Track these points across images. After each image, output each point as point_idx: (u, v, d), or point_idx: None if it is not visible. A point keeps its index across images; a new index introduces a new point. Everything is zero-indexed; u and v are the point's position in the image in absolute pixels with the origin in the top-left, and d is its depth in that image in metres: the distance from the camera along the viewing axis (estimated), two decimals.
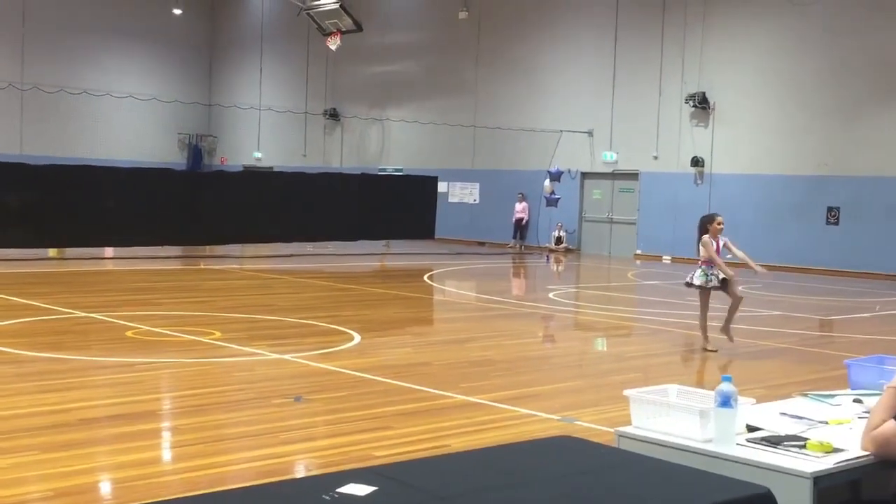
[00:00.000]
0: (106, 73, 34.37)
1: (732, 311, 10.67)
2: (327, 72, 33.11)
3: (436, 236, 25.60)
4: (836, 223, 21.91)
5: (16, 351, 9.06)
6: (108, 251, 20.78)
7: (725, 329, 10.66)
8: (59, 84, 31.51)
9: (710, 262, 10.61)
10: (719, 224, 10.68)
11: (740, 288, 10.87)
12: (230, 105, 33.91)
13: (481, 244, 27.99)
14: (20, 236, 18.69)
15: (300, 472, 5.76)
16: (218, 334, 10.31)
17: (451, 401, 7.62)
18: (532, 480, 2.86)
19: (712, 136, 23.99)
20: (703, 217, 11.08)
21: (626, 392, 3.74)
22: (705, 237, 10.64)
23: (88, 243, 19.82)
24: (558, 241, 26.59)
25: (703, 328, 10.68)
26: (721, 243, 10.65)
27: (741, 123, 23.50)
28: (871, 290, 18.49)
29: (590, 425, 6.85)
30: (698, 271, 10.68)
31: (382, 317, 12.74)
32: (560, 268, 23.23)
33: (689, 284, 10.79)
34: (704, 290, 10.64)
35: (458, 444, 6.24)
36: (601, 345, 11.81)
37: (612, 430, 3.81)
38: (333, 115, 33.08)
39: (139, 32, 35.47)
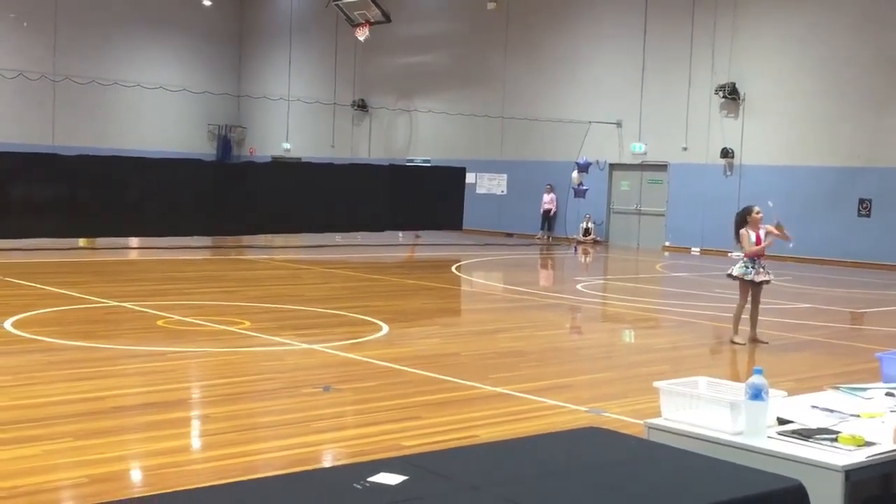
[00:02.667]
0: (136, 64, 34.61)
1: (754, 317, 10.56)
2: (356, 63, 33.15)
3: (463, 227, 25.59)
4: (868, 215, 21.69)
5: (49, 339, 9.17)
6: (139, 241, 20.95)
7: (754, 337, 10.51)
8: (91, 75, 31.75)
9: (752, 256, 10.49)
10: (757, 213, 10.54)
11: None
12: (259, 96, 34.03)
13: (509, 235, 27.96)
14: (52, 226, 18.89)
15: (330, 462, 5.80)
16: (247, 324, 10.38)
17: (480, 391, 7.64)
18: (562, 471, 2.87)
19: (742, 127, 23.80)
20: (739, 211, 10.99)
21: (657, 384, 3.73)
22: (742, 230, 10.52)
23: (119, 233, 20.01)
24: (586, 232, 26.51)
25: (736, 320, 10.60)
26: (762, 233, 10.54)
27: (771, 114, 23.30)
28: None
29: (618, 417, 6.85)
30: (739, 263, 10.64)
31: (411, 307, 12.77)
32: (588, 259, 23.17)
33: (730, 275, 10.75)
34: (743, 283, 10.52)
35: (486, 434, 6.26)
36: (629, 336, 11.78)
37: (640, 421, 3.81)
38: (362, 105, 33.12)
39: (169, 24, 35.68)
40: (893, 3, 21.32)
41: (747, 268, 10.47)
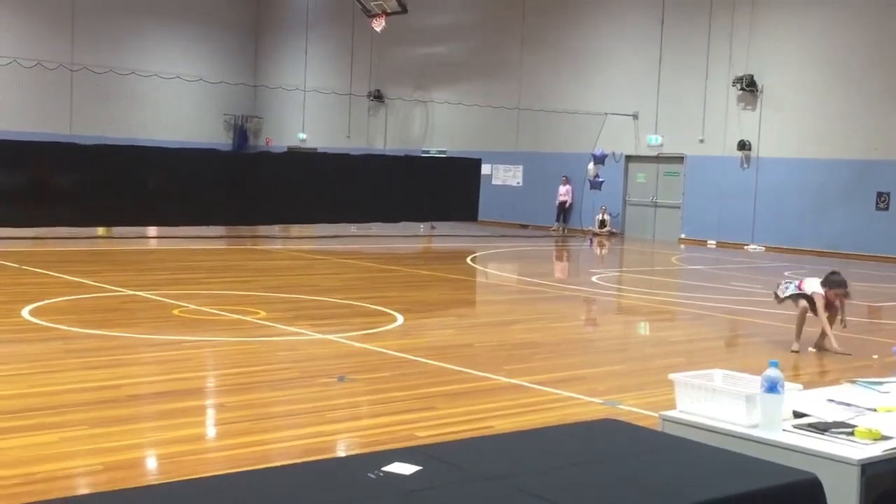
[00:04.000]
0: (153, 54, 34.72)
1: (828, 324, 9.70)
2: (372, 53, 33.14)
3: (479, 218, 25.58)
4: (886, 208, 21.55)
5: (65, 328, 9.22)
6: (155, 230, 21.03)
7: (820, 345, 9.77)
8: (108, 65, 31.87)
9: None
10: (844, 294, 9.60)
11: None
12: (276, 86, 34.09)
13: (524, 227, 27.93)
14: (70, 215, 19.00)
15: (344, 451, 5.81)
16: (263, 314, 10.41)
17: (495, 383, 7.64)
18: (576, 462, 2.86)
19: (760, 120, 23.68)
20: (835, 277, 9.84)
21: (672, 376, 3.72)
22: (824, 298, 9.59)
23: (136, 222, 20.10)
24: (602, 224, 26.45)
25: (799, 329, 9.73)
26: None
27: (789, 107, 23.16)
28: None
29: (633, 409, 6.83)
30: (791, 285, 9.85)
31: (426, 298, 12.77)
32: (603, 251, 23.12)
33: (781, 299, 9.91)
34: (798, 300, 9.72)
35: (501, 425, 6.26)
36: (644, 329, 11.75)
37: (655, 414, 3.80)
38: (378, 96, 33.12)
39: (186, 14, 35.75)
40: None
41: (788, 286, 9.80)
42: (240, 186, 21.12)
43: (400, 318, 10.50)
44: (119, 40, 34.26)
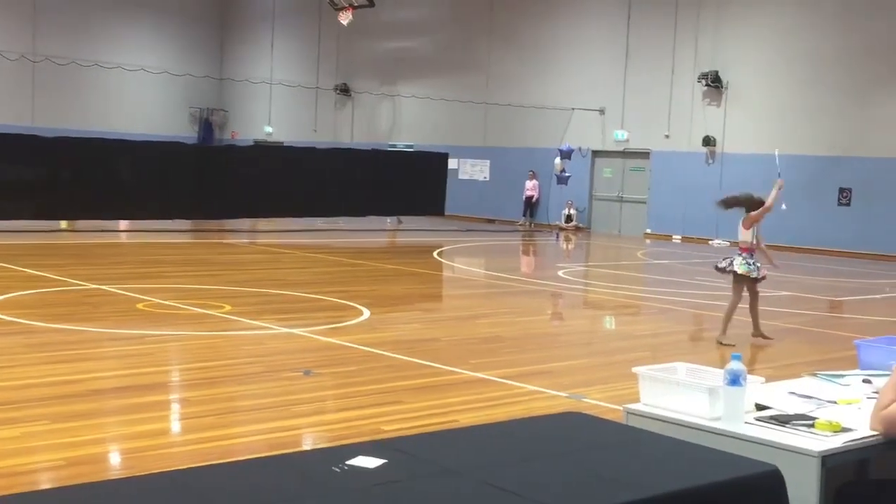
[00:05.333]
0: (117, 45, 34.34)
1: (755, 309, 10.00)
2: (339, 47, 33.00)
3: (446, 213, 25.58)
4: (848, 204, 21.81)
5: (27, 322, 9.11)
6: (120, 224, 20.84)
7: (758, 332, 9.99)
8: (71, 56, 31.50)
9: (751, 250, 9.94)
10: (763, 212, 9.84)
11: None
12: (242, 79, 33.87)
13: (491, 221, 27.97)
14: (32, 208, 18.77)
15: (309, 446, 5.79)
16: (228, 308, 10.35)
17: (460, 377, 7.65)
18: (540, 456, 2.87)
19: (725, 116, 23.87)
20: (754, 198, 10.32)
21: (635, 369, 3.74)
22: (755, 221, 9.91)
23: (100, 216, 19.88)
24: (568, 219, 26.55)
25: (728, 319, 9.85)
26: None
27: (754, 103, 23.37)
28: (881, 271, 18.43)
29: (598, 402, 6.87)
30: (738, 259, 9.93)
31: (392, 292, 12.76)
32: (570, 246, 23.21)
33: (724, 270, 10.01)
34: (741, 281, 9.86)
35: (466, 419, 6.27)
36: (610, 323, 11.82)
37: (620, 407, 3.83)
38: (344, 90, 33.00)
39: (151, 5, 35.39)
40: None
41: (749, 266, 9.86)
42: (205, 180, 20.96)
43: (366, 313, 10.48)
44: (82, 31, 33.86)
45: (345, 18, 29.54)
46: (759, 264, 9.96)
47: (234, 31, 37.48)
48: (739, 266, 9.90)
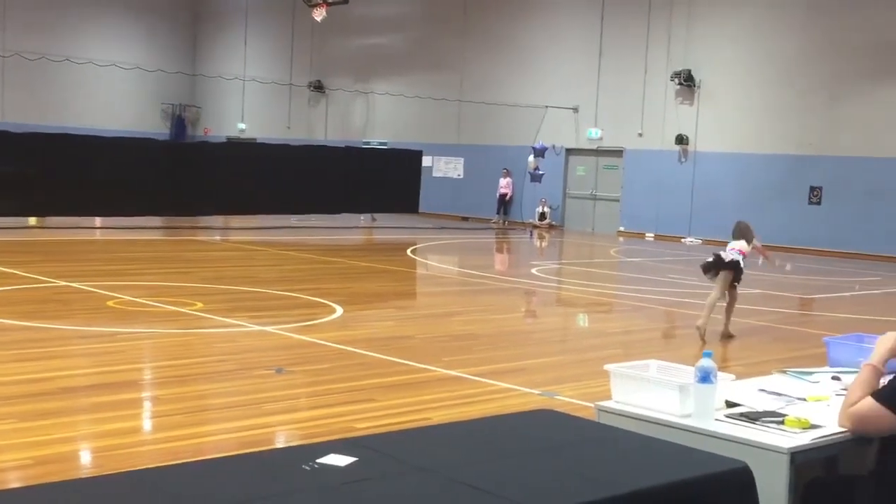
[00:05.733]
0: (88, 41, 34.03)
1: (731, 309, 10.28)
2: (312, 44, 32.88)
3: (419, 210, 25.56)
4: (819, 203, 22.00)
5: None
6: (90, 220, 20.65)
7: (727, 332, 10.21)
8: (41, 51, 31.16)
9: (745, 254, 10.42)
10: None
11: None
12: (214, 76, 33.65)
13: (465, 219, 27.98)
14: (2, 205, 18.55)
15: (281, 444, 5.77)
16: (200, 305, 10.29)
17: (433, 374, 7.64)
18: (511, 453, 2.87)
19: (697, 114, 24.00)
20: (747, 227, 10.68)
21: (607, 366, 3.75)
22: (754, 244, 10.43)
23: (70, 212, 19.69)
24: (542, 216, 26.61)
25: (710, 309, 10.07)
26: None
27: (726, 102, 23.52)
28: (851, 269, 18.61)
29: (570, 400, 6.89)
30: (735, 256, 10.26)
31: (365, 290, 12.73)
32: (543, 244, 23.26)
33: (722, 264, 10.29)
34: (728, 277, 10.16)
35: (439, 417, 6.27)
36: (583, 321, 11.85)
37: (591, 404, 3.83)
38: (318, 87, 32.89)
39: (123, 0, 35.10)
40: None
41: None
42: (178, 176, 20.81)
43: (339, 310, 10.45)
44: (53, 26, 33.52)
45: (318, 15, 29.45)
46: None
47: (206, 27, 37.26)
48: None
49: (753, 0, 23.00)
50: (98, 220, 20.48)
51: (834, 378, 4.20)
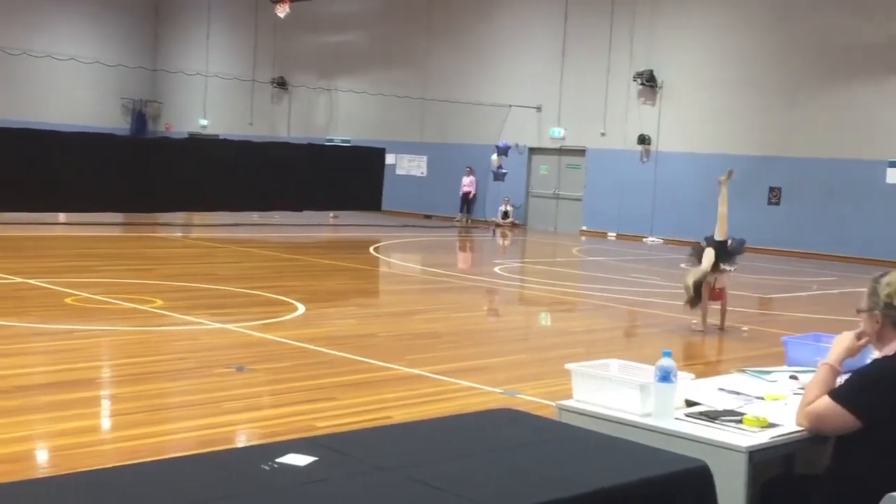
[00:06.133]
0: (48, 34, 33.59)
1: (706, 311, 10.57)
2: (275, 40, 32.70)
3: (383, 208, 25.51)
4: (778, 203, 22.24)
5: None
6: (49, 216, 20.37)
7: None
8: None
9: None
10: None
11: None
12: (176, 71, 33.36)
13: (428, 217, 27.97)
14: None
15: (241, 442, 5.73)
16: (159, 303, 10.19)
17: (395, 373, 7.63)
18: (471, 452, 2.87)
19: (659, 115, 24.17)
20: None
21: (568, 366, 3.76)
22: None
23: (28, 208, 19.42)
24: (505, 215, 26.66)
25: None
26: None
27: (687, 102, 23.70)
28: (810, 269, 18.83)
29: (532, 399, 6.90)
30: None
31: (327, 288, 12.69)
32: (506, 242, 23.31)
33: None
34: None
35: (400, 415, 6.25)
36: (545, 319, 11.89)
37: (553, 403, 3.84)
38: (281, 83, 32.71)
39: None
40: None
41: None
42: (138, 172, 20.59)
43: (301, 308, 10.41)
44: (11, 19, 33.03)
45: (282, 11, 29.31)
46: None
47: (168, 22, 36.92)
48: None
49: (715, 3, 23.21)
50: (56, 217, 20.21)
51: (792, 377, 4.24)
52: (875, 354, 3.65)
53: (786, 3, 22.09)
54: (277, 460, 2.61)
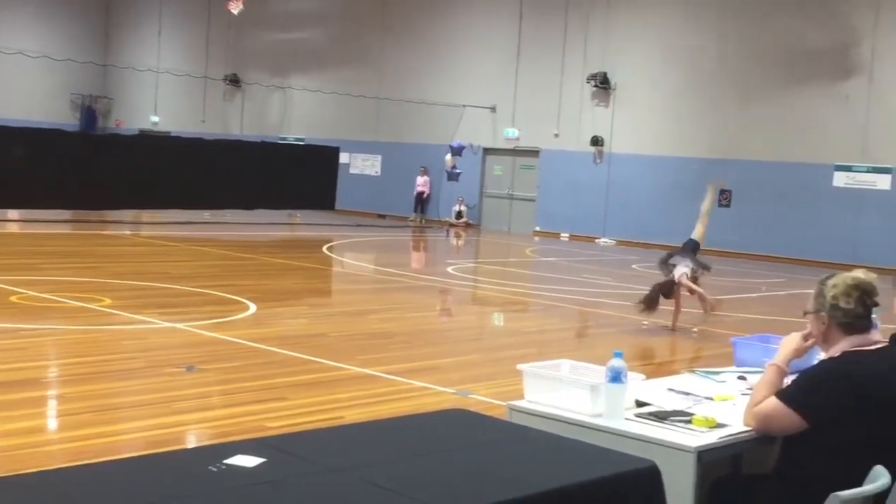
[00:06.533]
0: None
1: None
2: (229, 36, 32.42)
3: (336, 207, 25.42)
4: (728, 205, 22.51)
5: None
6: None
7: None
8: None
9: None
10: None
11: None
12: (126, 66, 32.94)
13: (382, 217, 27.91)
14: None
15: (191, 443, 5.67)
16: (108, 301, 10.06)
17: (347, 373, 7.60)
18: (423, 453, 2.86)
19: (612, 116, 24.35)
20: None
21: (520, 366, 3.77)
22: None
23: None
24: (459, 215, 26.69)
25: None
26: None
27: (640, 104, 23.91)
28: (758, 270, 19.09)
29: (485, 399, 6.91)
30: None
31: (279, 287, 12.60)
32: (460, 242, 23.34)
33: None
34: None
35: (352, 416, 6.23)
36: (498, 319, 11.92)
37: (505, 403, 3.85)
38: (234, 80, 32.44)
39: None
40: (756, 2, 22.14)
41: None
42: (87, 169, 20.28)
43: (252, 307, 10.33)
44: None
45: (235, 7, 29.02)
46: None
47: (119, 16, 36.43)
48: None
49: (669, 6, 23.43)
50: (4, 213, 19.86)
51: (740, 378, 4.29)
52: (821, 355, 3.71)
53: (738, 9, 22.37)
54: (225, 461, 2.58)
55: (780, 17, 21.77)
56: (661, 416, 3.55)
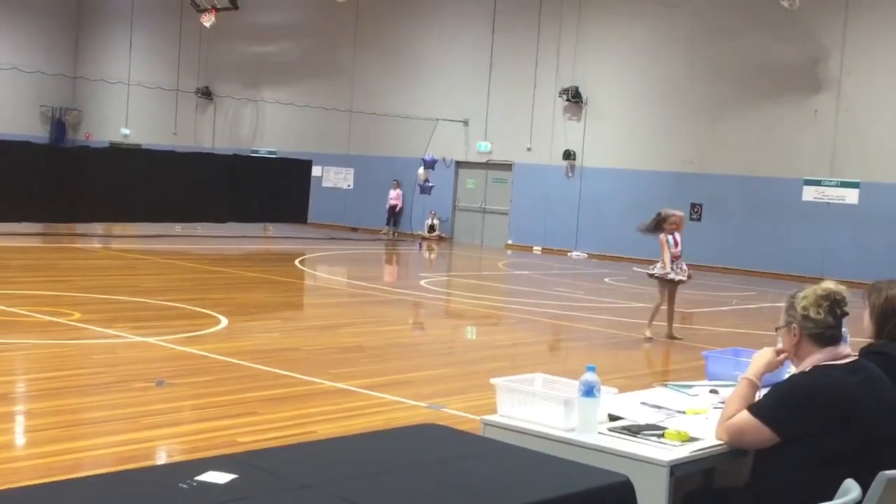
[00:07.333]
0: None
1: (671, 315, 11.17)
2: (201, 49, 32.30)
3: (308, 221, 25.34)
4: (699, 219, 22.66)
5: None
6: None
7: (671, 335, 11.11)
8: None
9: (676, 257, 11.16)
10: (673, 222, 11.10)
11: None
12: (97, 78, 32.72)
13: (354, 230, 27.86)
14: None
15: (162, 459, 5.61)
16: (77, 315, 9.96)
17: (320, 387, 7.56)
18: (395, 468, 2.85)
19: (584, 131, 24.47)
20: (655, 217, 11.32)
21: (493, 380, 3.76)
22: (661, 235, 11.02)
23: None
24: (431, 228, 26.69)
25: (652, 317, 11.08)
26: (678, 237, 11.19)
27: (612, 119, 24.05)
28: (730, 284, 19.20)
29: (457, 413, 6.90)
30: (659, 264, 11.12)
31: (251, 301, 12.53)
32: (432, 256, 23.33)
33: (651, 275, 11.21)
34: (663, 282, 11.06)
35: (324, 430, 6.20)
36: (471, 333, 11.91)
37: (478, 417, 3.84)
38: (206, 93, 32.31)
39: None
40: (725, 18, 22.35)
41: (676, 270, 11.06)
42: (57, 182, 20.10)
43: (224, 321, 10.26)
44: None
45: (207, 20, 28.98)
46: (683, 268, 11.28)
47: (89, 28, 36.21)
48: (658, 270, 11.15)
49: (640, 22, 23.60)
50: None
51: (712, 391, 4.30)
52: (792, 370, 3.73)
53: (707, 24, 22.58)
54: (197, 478, 2.55)
55: (749, 32, 22.00)
56: (633, 431, 3.55)
